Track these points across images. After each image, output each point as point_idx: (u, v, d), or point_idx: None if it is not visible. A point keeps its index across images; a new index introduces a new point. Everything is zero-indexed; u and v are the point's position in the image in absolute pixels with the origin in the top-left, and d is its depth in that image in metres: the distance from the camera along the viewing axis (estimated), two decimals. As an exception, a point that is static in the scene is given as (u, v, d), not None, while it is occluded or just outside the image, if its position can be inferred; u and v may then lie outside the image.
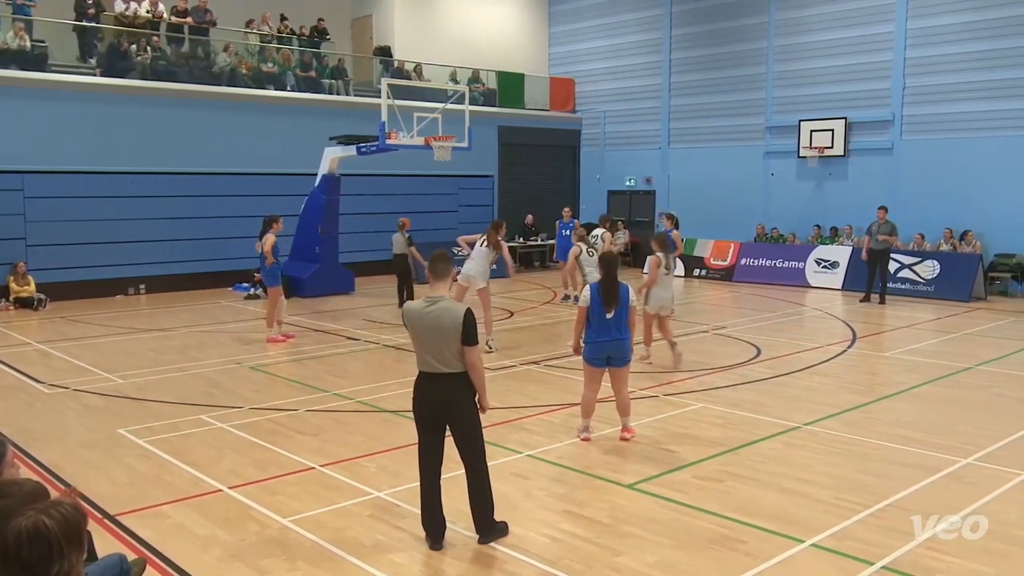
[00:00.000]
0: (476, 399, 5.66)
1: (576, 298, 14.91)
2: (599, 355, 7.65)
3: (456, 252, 21.88)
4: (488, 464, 5.80)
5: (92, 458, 7.49)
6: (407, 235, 16.34)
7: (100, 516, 6.02)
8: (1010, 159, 18.47)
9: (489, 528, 5.70)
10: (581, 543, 5.66)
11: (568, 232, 18.34)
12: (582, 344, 7.86)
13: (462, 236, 13.59)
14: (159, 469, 7.18)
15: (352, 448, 7.70)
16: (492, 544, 5.62)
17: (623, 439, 7.94)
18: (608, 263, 7.81)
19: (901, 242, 18.37)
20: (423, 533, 5.73)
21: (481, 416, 5.72)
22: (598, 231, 16.60)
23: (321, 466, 7.19)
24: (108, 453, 7.62)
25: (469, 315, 5.44)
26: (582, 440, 7.98)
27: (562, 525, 5.96)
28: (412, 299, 14.42)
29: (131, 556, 4.95)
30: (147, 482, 6.88)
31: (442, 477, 5.77)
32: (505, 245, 12.62)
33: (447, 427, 5.69)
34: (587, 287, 7.83)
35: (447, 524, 5.72)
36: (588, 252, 13.90)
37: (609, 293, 7.56)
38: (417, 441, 5.80)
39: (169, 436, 7.81)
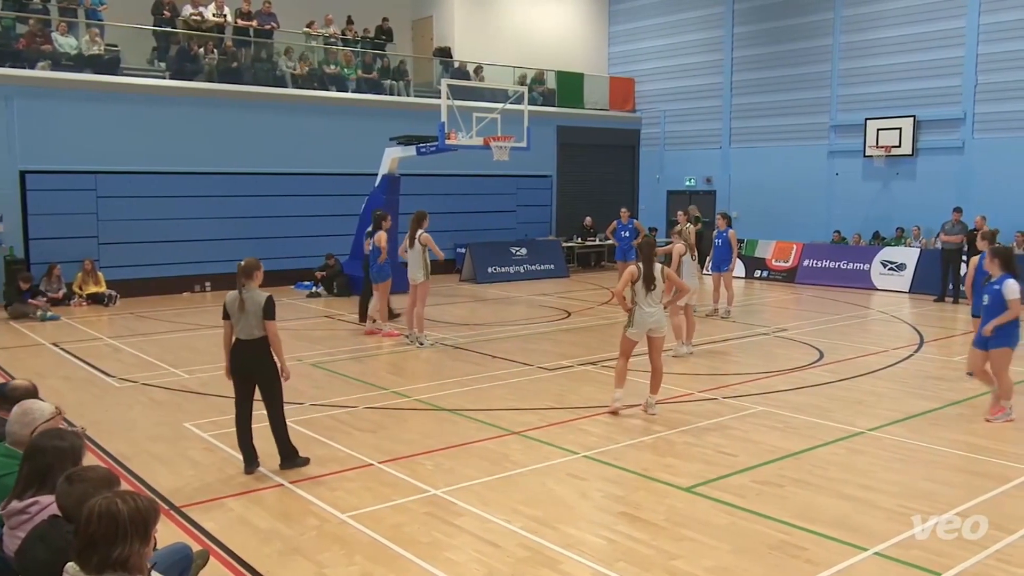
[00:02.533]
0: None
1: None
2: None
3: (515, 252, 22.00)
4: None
5: (158, 450, 7.69)
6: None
7: (166, 507, 6.18)
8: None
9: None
10: (637, 545, 5.62)
11: (627, 233, 18.17)
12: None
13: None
14: (222, 463, 7.35)
15: (410, 445, 7.77)
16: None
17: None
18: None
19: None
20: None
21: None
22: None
23: (379, 463, 7.27)
24: (174, 446, 7.83)
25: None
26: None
27: (618, 527, 5.93)
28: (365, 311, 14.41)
29: (196, 547, 5.08)
30: (211, 475, 7.05)
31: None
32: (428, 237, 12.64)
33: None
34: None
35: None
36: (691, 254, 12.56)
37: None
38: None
39: (232, 431, 7.95)
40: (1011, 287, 8.41)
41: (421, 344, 12.59)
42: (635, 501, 6.42)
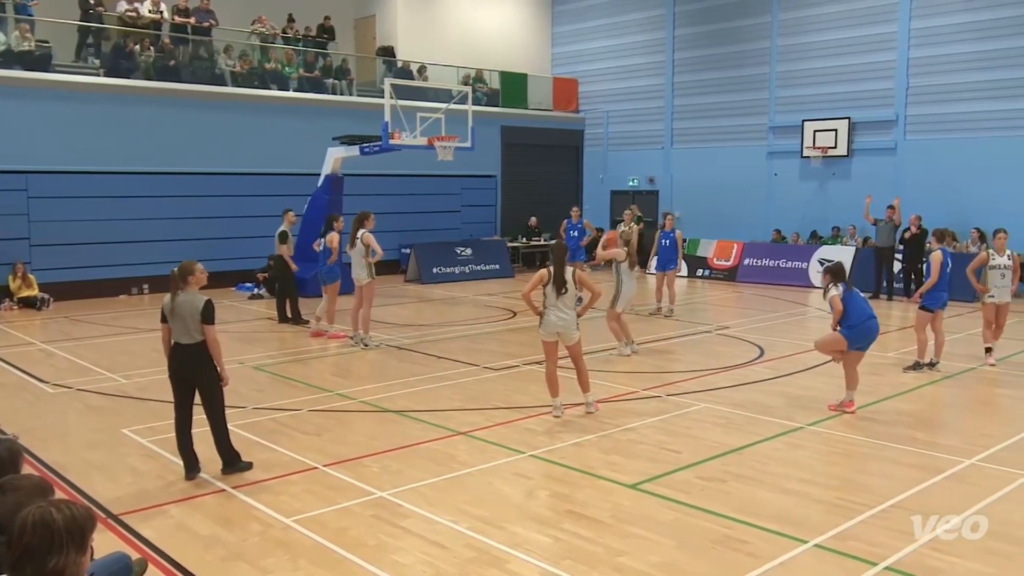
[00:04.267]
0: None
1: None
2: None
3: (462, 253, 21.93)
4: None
5: (95, 458, 7.50)
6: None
7: (104, 516, 6.03)
8: (1014, 159, 18.46)
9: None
10: (584, 543, 5.66)
11: (576, 233, 18.26)
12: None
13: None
14: (162, 469, 7.19)
15: (354, 448, 7.71)
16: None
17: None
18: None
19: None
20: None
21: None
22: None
23: (324, 466, 7.20)
24: (111, 453, 7.64)
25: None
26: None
27: (565, 525, 5.96)
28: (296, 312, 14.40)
29: (134, 556, 4.96)
30: (150, 482, 6.90)
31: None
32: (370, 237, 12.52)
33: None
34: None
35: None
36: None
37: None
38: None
39: (172, 436, 7.79)
40: (832, 293, 8.93)
41: (366, 345, 12.50)
42: (581, 499, 6.47)
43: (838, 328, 8.85)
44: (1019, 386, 10.30)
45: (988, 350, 11.40)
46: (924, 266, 15.11)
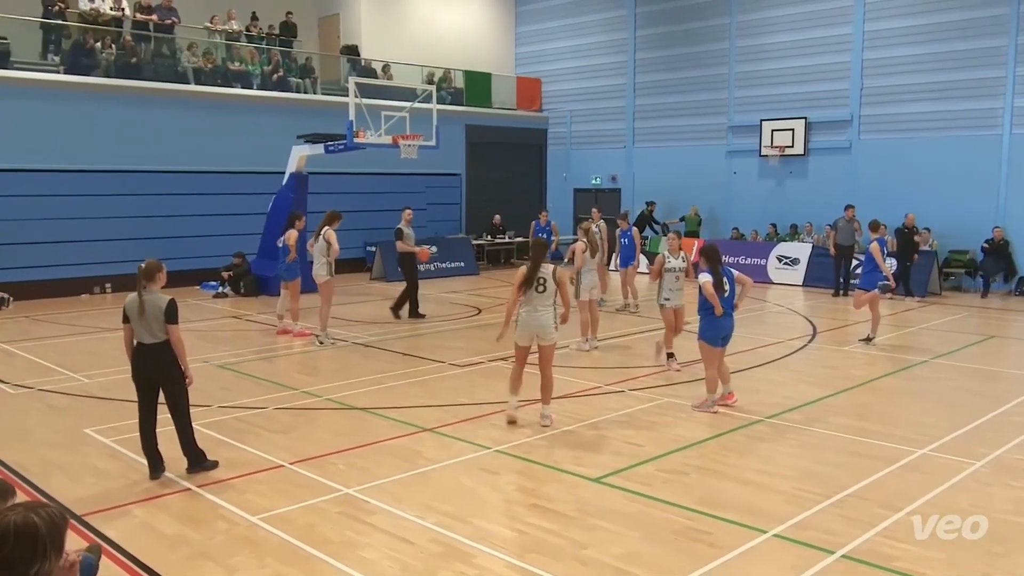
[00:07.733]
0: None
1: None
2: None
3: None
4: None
5: (58, 458, 7.44)
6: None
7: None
8: (962, 158, 18.94)
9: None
10: (548, 536, 5.75)
11: (545, 235, 18.37)
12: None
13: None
14: (126, 469, 7.16)
15: (321, 445, 7.73)
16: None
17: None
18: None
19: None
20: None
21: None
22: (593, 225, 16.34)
23: (290, 464, 7.21)
24: (74, 453, 7.58)
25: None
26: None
27: (530, 519, 6.05)
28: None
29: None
30: (114, 482, 6.87)
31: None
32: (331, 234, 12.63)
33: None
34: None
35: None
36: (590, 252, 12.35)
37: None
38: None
39: (136, 436, 7.76)
40: (702, 279, 8.71)
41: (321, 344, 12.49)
42: (546, 493, 6.56)
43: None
44: (968, 378, 10.60)
45: (670, 355, 10.90)
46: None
